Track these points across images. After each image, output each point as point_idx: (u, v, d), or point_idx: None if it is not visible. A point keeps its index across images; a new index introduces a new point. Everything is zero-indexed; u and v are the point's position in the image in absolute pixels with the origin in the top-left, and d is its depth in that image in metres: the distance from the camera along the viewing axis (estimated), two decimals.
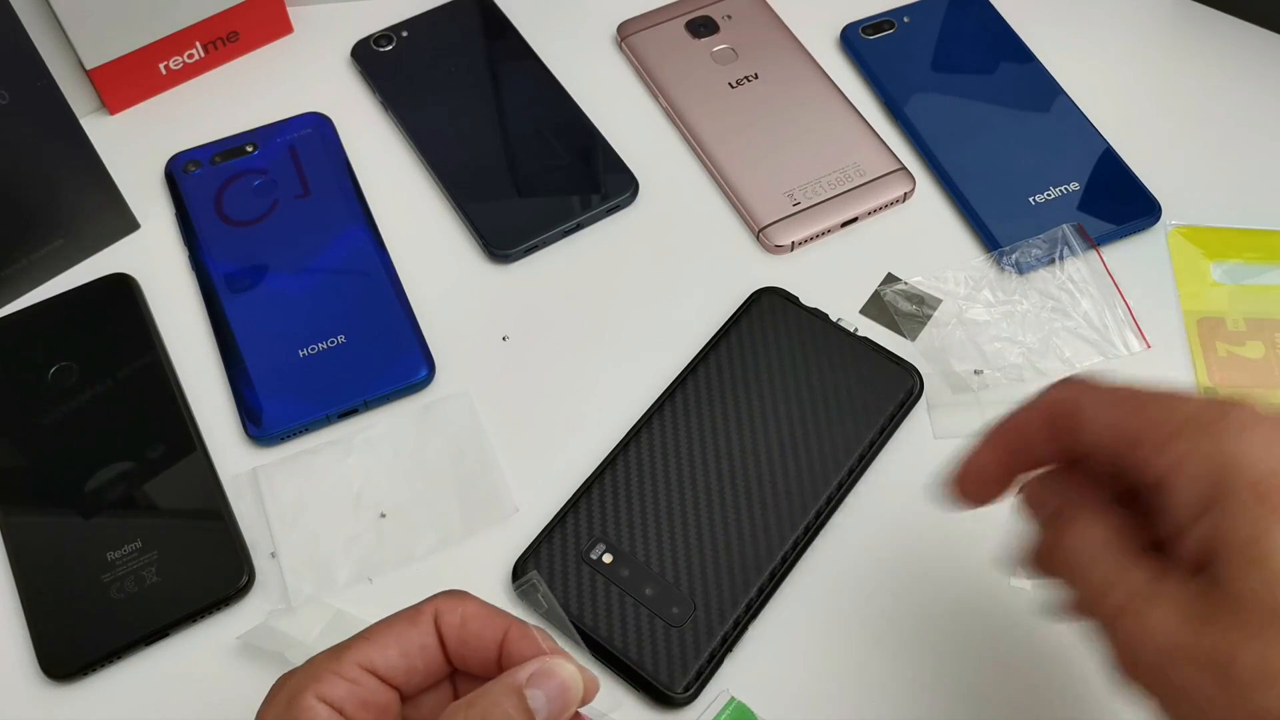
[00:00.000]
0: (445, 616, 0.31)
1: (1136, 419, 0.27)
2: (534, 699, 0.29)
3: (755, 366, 0.48)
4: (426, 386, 0.49)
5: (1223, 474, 0.25)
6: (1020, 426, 0.31)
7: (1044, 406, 0.30)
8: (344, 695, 0.30)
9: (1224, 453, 0.25)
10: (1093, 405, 0.28)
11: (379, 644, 0.31)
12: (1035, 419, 0.30)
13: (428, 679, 0.32)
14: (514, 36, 0.60)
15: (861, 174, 0.54)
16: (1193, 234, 0.53)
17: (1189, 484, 0.25)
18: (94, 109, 0.57)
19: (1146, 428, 0.27)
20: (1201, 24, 0.61)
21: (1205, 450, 0.25)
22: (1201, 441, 0.25)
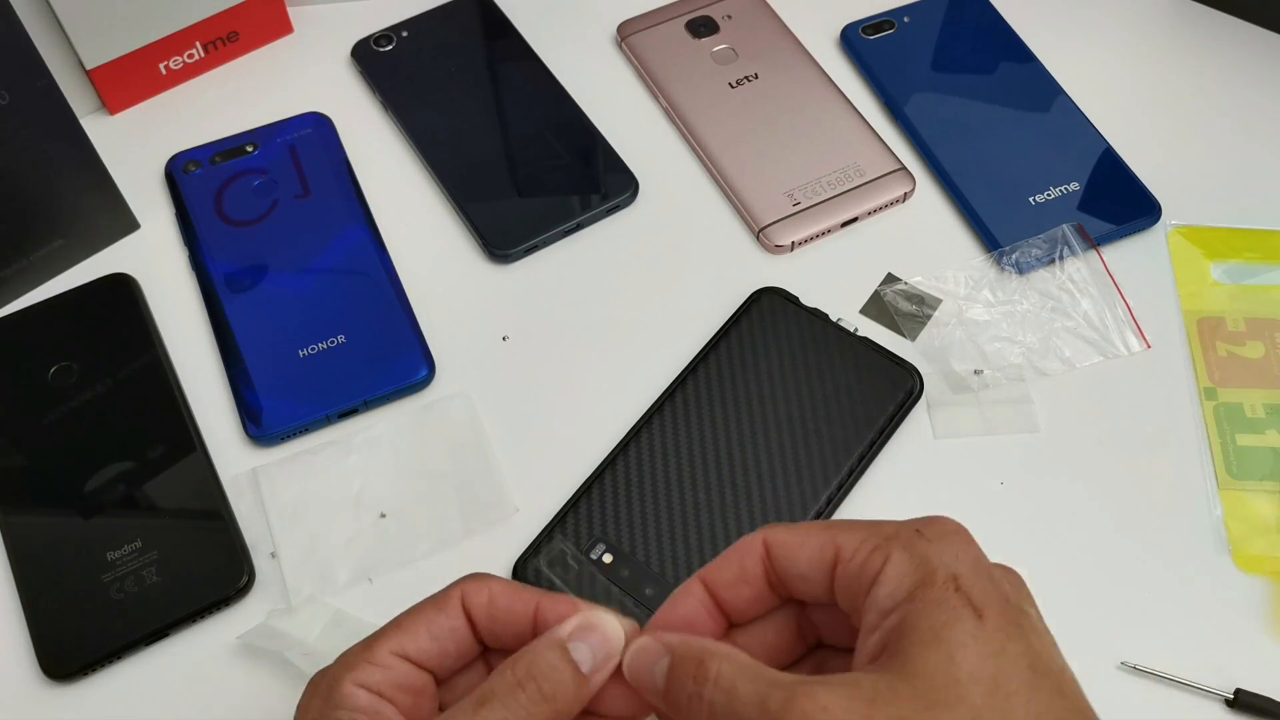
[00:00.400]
0: (472, 598, 0.32)
1: (840, 538, 0.30)
2: (577, 650, 0.30)
3: (755, 366, 0.48)
4: (426, 386, 0.49)
5: (924, 572, 0.28)
6: (718, 575, 0.32)
7: (735, 559, 0.32)
8: (380, 680, 0.31)
9: (925, 556, 0.28)
10: (784, 544, 0.31)
11: (409, 631, 0.32)
12: (728, 571, 0.32)
13: (460, 660, 0.32)
14: (514, 36, 0.60)
15: (861, 174, 0.54)
16: (1193, 234, 0.53)
17: (895, 579, 0.28)
18: (94, 109, 0.57)
19: (851, 545, 0.29)
20: (1201, 24, 0.61)
21: (911, 552, 0.28)
22: (909, 545, 0.29)
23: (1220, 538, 0.45)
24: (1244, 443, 0.47)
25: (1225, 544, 0.45)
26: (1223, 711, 0.41)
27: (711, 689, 0.28)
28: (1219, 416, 0.48)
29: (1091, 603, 0.44)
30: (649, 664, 0.30)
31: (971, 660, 0.26)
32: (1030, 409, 0.48)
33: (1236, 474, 0.46)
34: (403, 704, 0.31)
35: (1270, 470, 0.46)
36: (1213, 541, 0.45)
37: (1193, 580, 0.44)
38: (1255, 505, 0.46)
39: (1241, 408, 0.48)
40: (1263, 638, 0.43)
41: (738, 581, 0.32)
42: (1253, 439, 0.47)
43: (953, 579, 0.28)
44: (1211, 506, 0.46)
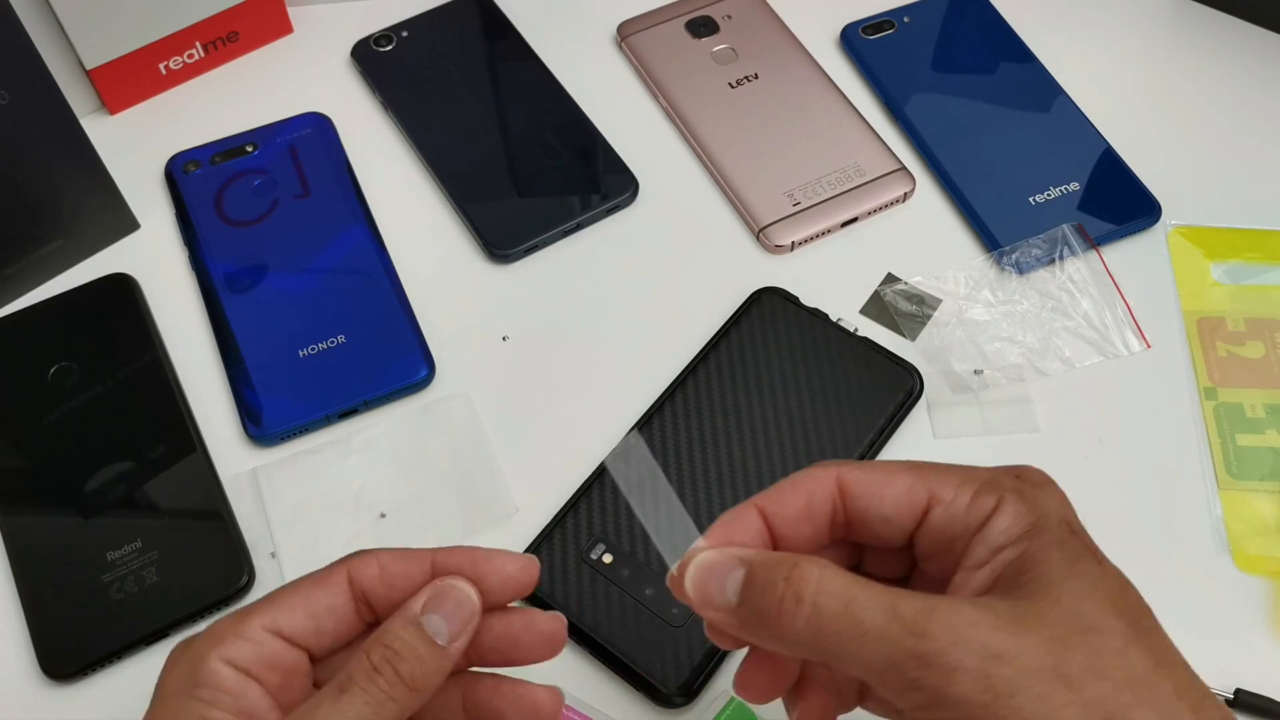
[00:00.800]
0: (360, 571, 0.31)
1: (933, 482, 0.29)
2: (430, 623, 0.30)
3: (755, 366, 0.48)
4: (426, 386, 0.49)
5: (1038, 514, 0.28)
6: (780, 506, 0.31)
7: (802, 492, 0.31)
8: (249, 657, 0.30)
9: (1035, 499, 0.29)
10: (866, 483, 0.30)
11: (284, 606, 0.31)
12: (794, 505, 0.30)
13: (338, 639, 0.32)
14: (514, 36, 0.60)
15: (861, 174, 0.54)
16: (1193, 234, 0.53)
17: (1010, 518, 0.28)
18: (94, 109, 0.57)
19: (949, 488, 0.29)
20: (1201, 24, 0.61)
21: (1021, 495, 0.29)
22: (1017, 489, 0.29)
23: (1220, 538, 0.45)
24: (1244, 443, 0.47)
25: (1225, 544, 0.45)
26: None
27: (815, 592, 0.27)
28: (1219, 416, 0.48)
29: None
30: (719, 578, 0.28)
31: (1108, 594, 0.27)
32: (1030, 409, 0.48)
33: (1236, 474, 0.46)
34: (271, 683, 0.30)
35: (1270, 470, 0.46)
36: (1213, 541, 0.45)
37: (1193, 580, 0.44)
38: (1255, 505, 0.46)
39: (1241, 408, 0.48)
40: (1263, 638, 0.43)
41: (801, 517, 0.30)
42: (1253, 439, 0.47)
43: (1065, 523, 0.28)
44: (1211, 506, 0.46)
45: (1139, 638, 0.26)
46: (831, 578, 0.27)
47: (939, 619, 0.26)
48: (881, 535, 0.30)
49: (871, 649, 0.26)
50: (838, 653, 0.27)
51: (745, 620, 0.28)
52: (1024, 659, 0.25)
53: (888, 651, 0.26)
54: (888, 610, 0.26)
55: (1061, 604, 0.26)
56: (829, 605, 0.26)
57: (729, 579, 0.28)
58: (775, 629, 0.27)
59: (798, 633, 0.27)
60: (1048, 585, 0.27)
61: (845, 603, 0.26)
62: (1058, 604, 0.26)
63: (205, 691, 0.29)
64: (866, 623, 0.26)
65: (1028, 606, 0.26)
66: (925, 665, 0.25)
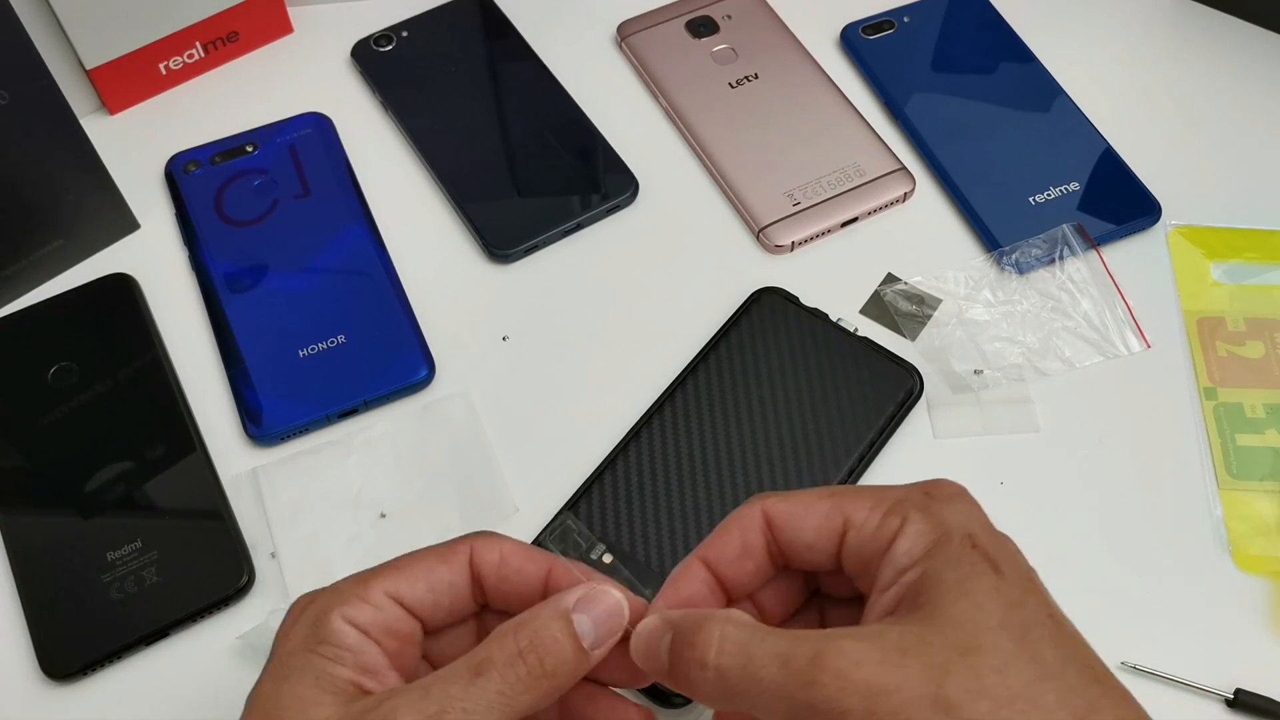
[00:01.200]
0: (482, 554, 0.32)
1: (847, 506, 0.30)
2: (580, 624, 0.30)
3: (755, 367, 0.48)
4: (426, 386, 0.49)
5: (940, 531, 0.29)
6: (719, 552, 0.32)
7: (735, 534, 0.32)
8: (370, 620, 0.30)
9: (940, 516, 0.29)
10: (787, 514, 0.31)
11: (408, 575, 0.31)
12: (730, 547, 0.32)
13: (452, 616, 0.32)
14: (514, 36, 0.60)
15: (861, 174, 0.54)
16: (1193, 234, 0.53)
17: (912, 538, 0.29)
18: (94, 109, 0.57)
19: (861, 512, 0.30)
20: (1201, 24, 0.61)
21: (926, 513, 0.29)
22: (923, 508, 0.29)
23: (1220, 538, 0.45)
24: (1244, 443, 0.47)
25: (1225, 544, 0.45)
26: (1223, 711, 0.41)
27: (716, 655, 0.28)
28: (1219, 416, 0.48)
29: (1091, 602, 0.43)
30: (655, 644, 0.29)
31: (998, 609, 0.27)
32: (1030, 409, 0.48)
33: (1236, 474, 0.46)
34: (389, 648, 0.30)
35: (1270, 470, 0.46)
36: (1213, 541, 0.45)
37: (1193, 580, 0.44)
38: (1255, 505, 0.46)
39: (1241, 408, 0.48)
40: (1263, 638, 0.43)
41: (740, 557, 0.32)
42: (1253, 439, 0.47)
43: (969, 537, 0.29)
44: (1211, 506, 0.46)
45: (1025, 650, 0.27)
46: (730, 636, 0.28)
47: (826, 664, 0.26)
48: (811, 561, 0.31)
49: (771, 702, 0.27)
50: (750, 707, 0.28)
51: (677, 683, 0.29)
52: (905, 690, 0.26)
53: (785, 704, 0.27)
54: (781, 663, 0.27)
55: (947, 626, 0.27)
56: (729, 665, 0.28)
57: (661, 643, 0.29)
58: (696, 691, 0.28)
59: (710, 694, 0.28)
60: (937, 606, 0.27)
61: (743, 662, 0.27)
62: (944, 627, 0.27)
63: (328, 649, 0.29)
64: (764, 679, 0.27)
65: (915, 632, 0.27)
66: (817, 713, 0.26)
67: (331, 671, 0.29)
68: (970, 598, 0.27)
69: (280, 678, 0.29)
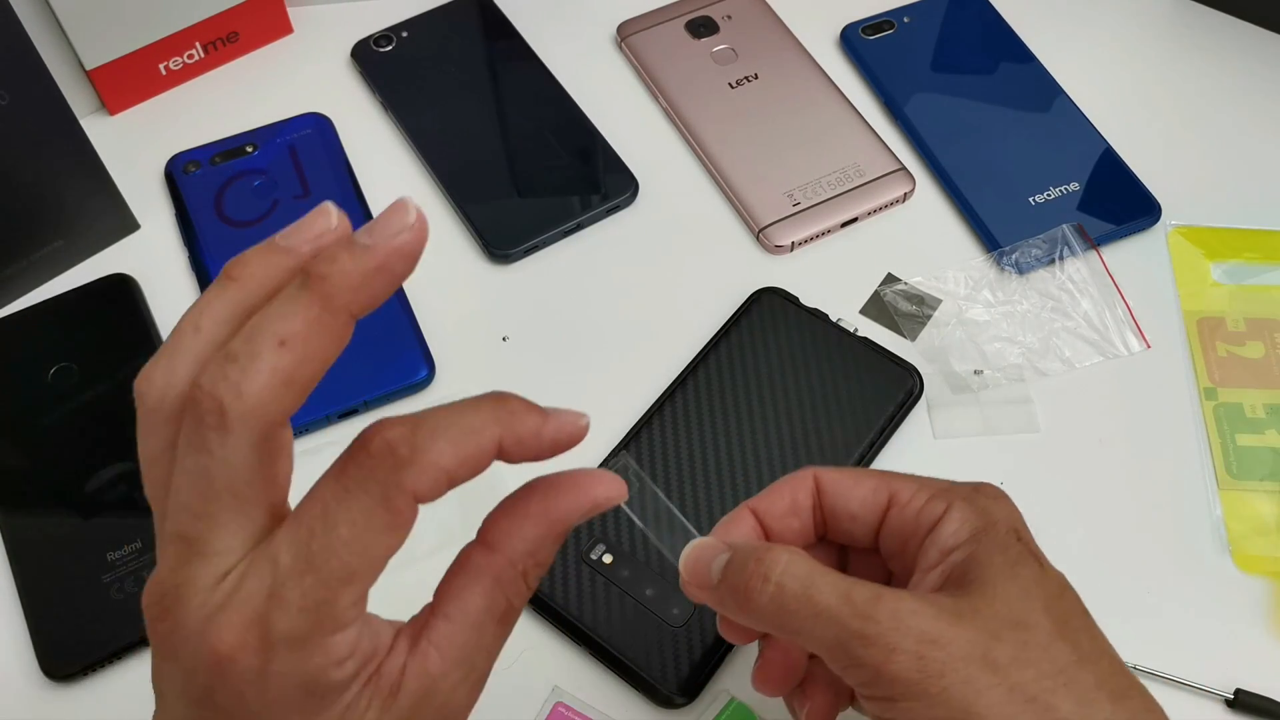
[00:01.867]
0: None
1: (895, 485, 0.33)
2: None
3: (755, 367, 0.48)
4: (426, 387, 0.49)
5: (986, 521, 0.31)
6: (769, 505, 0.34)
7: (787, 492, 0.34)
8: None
9: (985, 508, 0.32)
10: (837, 482, 0.34)
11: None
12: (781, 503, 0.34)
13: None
14: (514, 37, 0.60)
15: (861, 174, 0.54)
16: (1193, 234, 0.53)
17: (959, 522, 0.31)
18: (94, 109, 0.57)
19: (908, 491, 0.33)
20: (1201, 24, 0.61)
21: (972, 503, 0.32)
22: (969, 498, 0.32)
23: (1220, 538, 0.45)
24: (1244, 443, 0.47)
25: (1225, 544, 0.45)
26: (1223, 711, 0.41)
27: (781, 574, 0.30)
28: (1219, 416, 0.48)
29: (1091, 603, 0.43)
30: (707, 559, 0.32)
31: (1042, 596, 0.30)
32: (1030, 409, 0.48)
33: (1236, 474, 0.46)
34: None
35: (1270, 470, 0.46)
36: (1213, 541, 0.45)
37: (1193, 580, 0.44)
38: (1255, 505, 0.46)
39: (1241, 408, 0.48)
40: (1263, 638, 0.43)
41: (788, 513, 0.34)
42: (1253, 439, 0.47)
43: (1013, 530, 0.31)
44: (1211, 506, 0.46)
45: (1065, 635, 0.29)
46: (796, 562, 0.30)
47: (884, 606, 0.29)
48: (851, 532, 0.34)
49: (824, 627, 0.29)
50: (795, 628, 0.30)
51: (723, 596, 0.31)
52: (956, 646, 0.28)
53: (836, 631, 0.29)
54: (841, 595, 0.29)
55: (997, 602, 0.29)
56: (790, 585, 0.29)
57: (715, 562, 0.31)
58: (744, 603, 0.30)
59: (763, 607, 0.30)
60: (987, 584, 0.30)
61: (805, 585, 0.29)
62: (994, 602, 0.29)
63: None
64: (821, 604, 0.29)
65: (966, 602, 0.29)
66: (868, 644, 0.28)
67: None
68: (1018, 581, 0.30)
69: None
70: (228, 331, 0.25)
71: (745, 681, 0.42)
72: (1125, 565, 0.45)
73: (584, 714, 0.41)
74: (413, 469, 0.24)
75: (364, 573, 0.24)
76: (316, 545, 0.24)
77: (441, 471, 0.25)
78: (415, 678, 0.26)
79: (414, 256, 0.28)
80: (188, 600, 0.24)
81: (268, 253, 0.26)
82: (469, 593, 0.27)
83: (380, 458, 0.24)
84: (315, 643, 0.24)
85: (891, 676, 0.28)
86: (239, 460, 0.24)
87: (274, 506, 0.25)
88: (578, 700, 0.41)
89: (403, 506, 0.24)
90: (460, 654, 0.27)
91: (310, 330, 0.24)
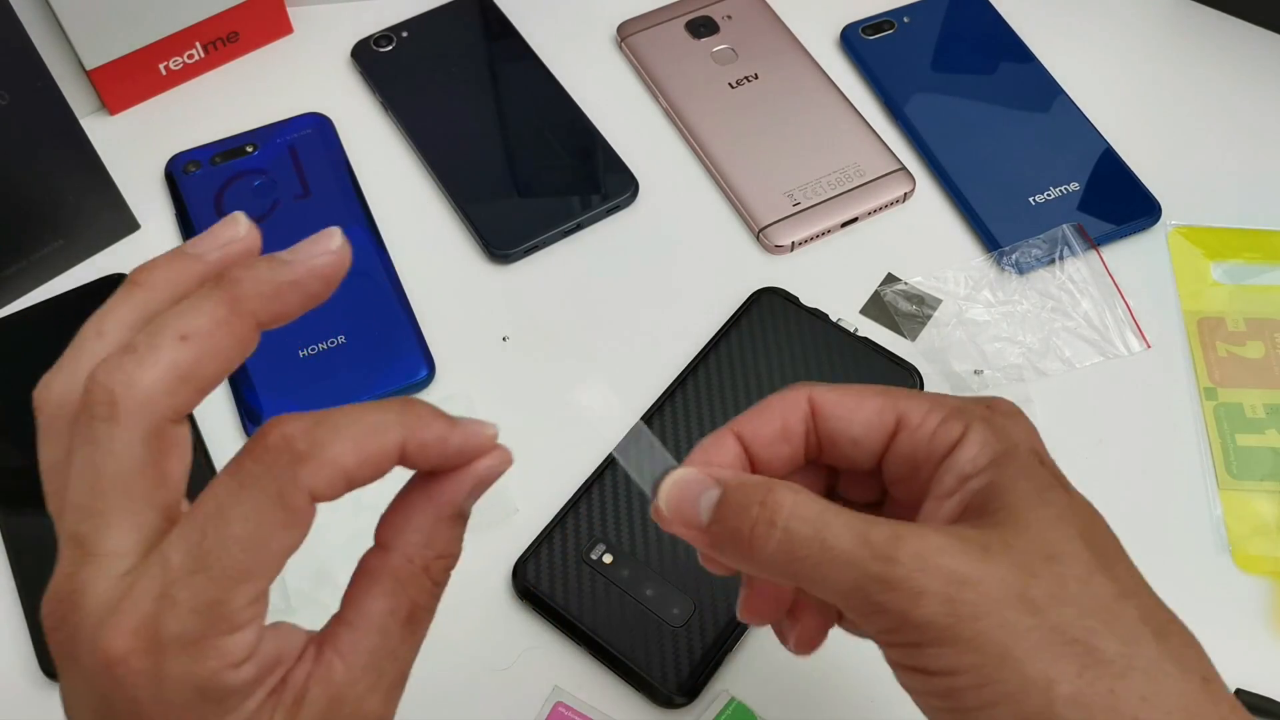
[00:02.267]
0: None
1: (903, 405, 0.30)
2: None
3: (755, 367, 0.48)
4: (426, 387, 0.49)
5: (1007, 443, 0.28)
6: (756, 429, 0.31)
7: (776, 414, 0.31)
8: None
9: (1004, 428, 0.29)
10: (837, 404, 0.30)
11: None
12: (769, 426, 0.31)
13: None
14: (514, 37, 0.60)
15: (861, 174, 0.54)
16: (1193, 234, 0.53)
17: (977, 446, 0.28)
18: (94, 109, 0.57)
19: (918, 412, 0.29)
20: (1201, 24, 0.61)
21: (989, 424, 0.29)
22: (986, 419, 0.29)
23: (1220, 538, 0.45)
24: (1244, 443, 0.47)
25: (1225, 544, 0.45)
26: None
27: (788, 517, 0.27)
28: (1219, 416, 0.48)
29: None
30: (693, 496, 0.28)
31: (1076, 523, 0.27)
32: (1030, 409, 0.48)
33: (1236, 474, 0.46)
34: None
35: (1270, 470, 0.46)
36: (1213, 541, 0.45)
37: (1193, 580, 0.44)
38: (1255, 505, 0.46)
39: (1241, 408, 0.48)
40: (1263, 638, 0.43)
41: (778, 439, 0.30)
42: (1253, 439, 0.47)
43: (1034, 452, 0.29)
44: (1211, 506, 0.46)
45: (1104, 567, 0.27)
46: (805, 503, 0.27)
47: (906, 546, 0.26)
48: (851, 457, 0.30)
49: (840, 573, 0.26)
50: (807, 576, 0.27)
51: (717, 540, 0.28)
52: (988, 584, 0.25)
53: (855, 576, 0.26)
54: (858, 536, 0.26)
55: (1028, 532, 0.26)
56: (801, 530, 0.27)
57: (703, 498, 0.28)
58: (747, 551, 0.27)
59: (770, 555, 0.27)
60: (1015, 514, 0.27)
61: (817, 528, 0.26)
62: (1024, 532, 0.26)
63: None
64: (836, 548, 0.26)
65: (994, 534, 0.26)
66: (891, 589, 0.26)
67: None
68: (1049, 508, 0.27)
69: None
70: (132, 336, 0.24)
71: (745, 681, 0.42)
72: None
73: (584, 714, 0.41)
74: (310, 465, 0.23)
75: (259, 571, 0.24)
76: (208, 544, 0.23)
77: (340, 470, 0.24)
78: (320, 686, 0.25)
79: (331, 280, 0.27)
80: (82, 606, 0.23)
81: (175, 259, 0.26)
82: (368, 596, 0.26)
83: (277, 453, 0.23)
84: (208, 644, 0.23)
85: (920, 622, 0.25)
86: (128, 453, 0.23)
87: (167, 507, 0.24)
88: (578, 700, 0.41)
89: (299, 504, 0.24)
90: (366, 660, 0.26)
91: (214, 329, 0.24)
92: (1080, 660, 0.25)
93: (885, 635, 0.27)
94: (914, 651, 0.26)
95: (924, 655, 0.26)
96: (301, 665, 0.25)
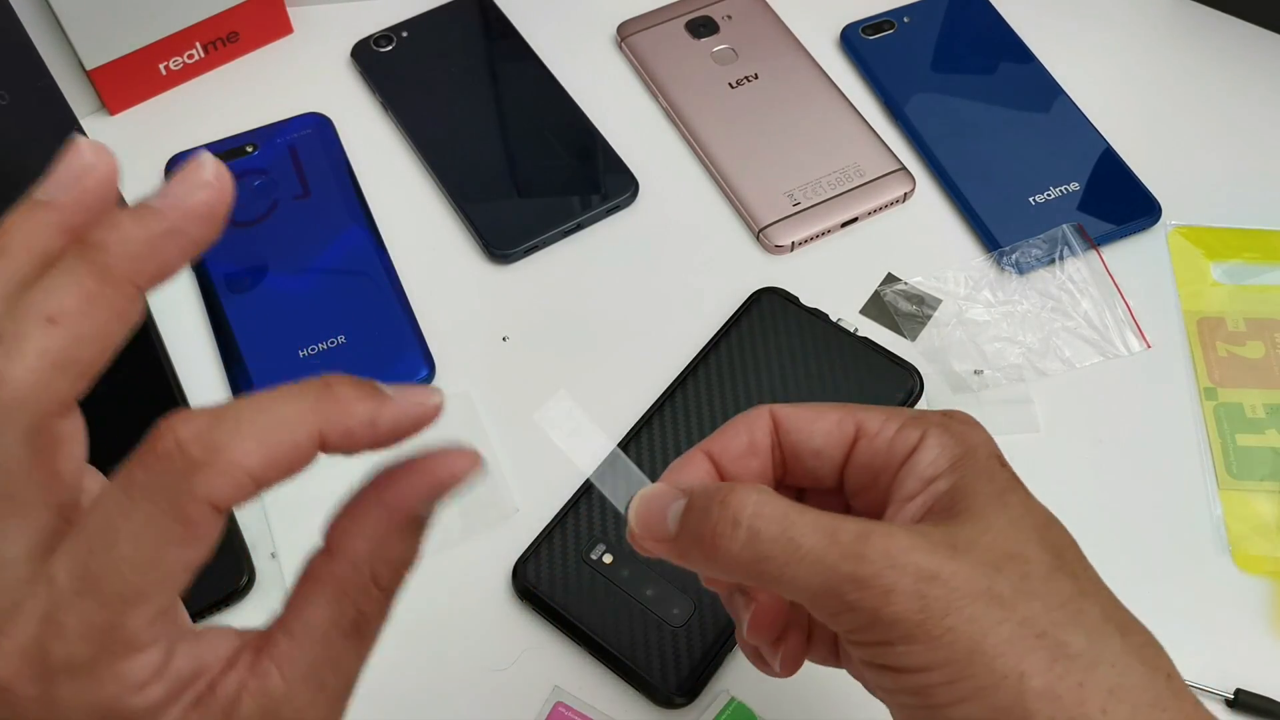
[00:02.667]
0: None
1: (860, 415, 0.30)
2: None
3: (755, 367, 0.48)
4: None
5: (965, 447, 0.29)
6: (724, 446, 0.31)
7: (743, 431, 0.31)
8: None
9: (961, 434, 0.29)
10: (796, 418, 0.31)
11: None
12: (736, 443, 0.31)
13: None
14: (514, 37, 0.60)
15: (861, 174, 0.54)
16: (1193, 234, 0.53)
17: (936, 449, 0.29)
18: (94, 109, 0.57)
19: (876, 421, 0.30)
20: (1201, 24, 0.61)
21: (947, 430, 0.29)
22: (943, 425, 0.29)
23: (1220, 538, 0.45)
24: (1244, 443, 0.47)
25: (1225, 544, 0.45)
26: (1223, 711, 0.41)
27: (752, 516, 0.26)
28: (1219, 416, 0.48)
29: None
30: (660, 508, 0.28)
31: (1035, 525, 0.28)
32: (1030, 409, 0.48)
33: (1236, 474, 0.46)
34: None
35: (1270, 470, 0.46)
36: (1213, 541, 0.45)
37: (1193, 580, 0.44)
38: (1255, 505, 0.46)
39: (1241, 408, 0.48)
40: (1263, 638, 0.43)
41: (746, 454, 0.31)
42: (1253, 439, 0.47)
43: (994, 456, 0.29)
44: (1211, 506, 0.46)
45: (1063, 567, 0.27)
46: (769, 502, 0.27)
47: (875, 543, 0.26)
48: (814, 470, 0.31)
49: (808, 572, 0.26)
50: (775, 576, 0.26)
51: (684, 547, 0.28)
52: (957, 580, 0.26)
53: (824, 575, 0.26)
54: (826, 534, 0.26)
55: (991, 531, 0.27)
56: (766, 529, 0.26)
57: (671, 510, 0.28)
58: (712, 553, 0.27)
59: (735, 556, 0.27)
60: (978, 514, 0.27)
61: (782, 526, 0.26)
62: (988, 531, 0.27)
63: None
64: (804, 546, 0.26)
65: (960, 532, 0.27)
66: (861, 587, 0.25)
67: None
68: (1009, 510, 0.27)
69: None
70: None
71: (745, 681, 0.42)
72: (1125, 565, 0.44)
73: (584, 714, 0.41)
74: (207, 473, 0.21)
75: (153, 592, 0.21)
76: (95, 565, 0.21)
77: (244, 474, 0.21)
78: (254, 697, 0.23)
79: (213, 219, 0.23)
80: None
81: (28, 211, 0.22)
82: (310, 604, 0.24)
83: (169, 460, 0.21)
84: (103, 669, 0.21)
85: (890, 619, 0.25)
86: (8, 455, 0.21)
87: (62, 506, 0.22)
88: (578, 700, 0.41)
89: (197, 517, 0.21)
90: (306, 671, 0.23)
91: (85, 306, 0.21)
92: (1050, 653, 0.25)
93: (854, 634, 0.27)
94: (884, 650, 0.26)
95: (894, 653, 0.26)
96: (234, 673, 0.23)
